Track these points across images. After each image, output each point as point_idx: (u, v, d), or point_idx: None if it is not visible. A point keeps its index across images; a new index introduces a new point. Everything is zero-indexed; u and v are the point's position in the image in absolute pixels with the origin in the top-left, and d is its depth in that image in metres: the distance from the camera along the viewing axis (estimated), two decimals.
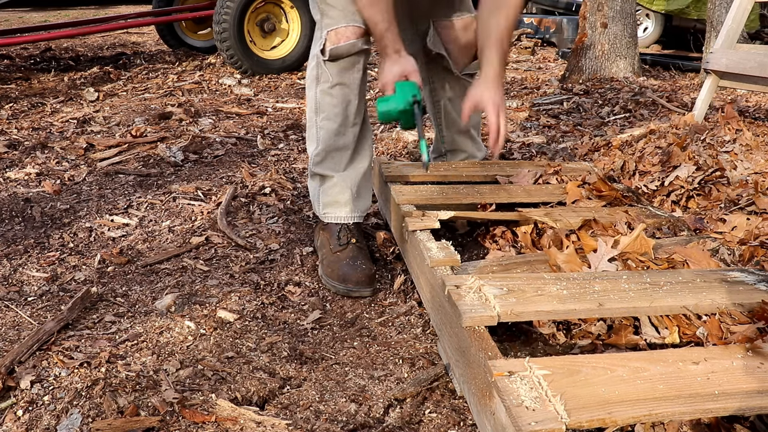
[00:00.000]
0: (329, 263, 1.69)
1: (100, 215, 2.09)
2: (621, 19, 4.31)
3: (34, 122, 3.16)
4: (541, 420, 0.89)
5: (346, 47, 1.64)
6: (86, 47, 5.68)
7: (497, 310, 1.16)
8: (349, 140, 1.73)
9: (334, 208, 1.76)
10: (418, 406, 1.23)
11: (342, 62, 1.66)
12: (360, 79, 1.70)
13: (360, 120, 1.73)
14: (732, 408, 0.95)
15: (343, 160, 1.74)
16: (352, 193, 1.75)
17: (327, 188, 1.77)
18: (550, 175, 2.02)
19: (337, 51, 1.64)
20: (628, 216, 1.72)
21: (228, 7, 4.24)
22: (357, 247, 1.71)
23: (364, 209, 1.79)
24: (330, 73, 1.68)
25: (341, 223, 1.75)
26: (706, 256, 1.48)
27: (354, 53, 1.65)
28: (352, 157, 1.75)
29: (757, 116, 3.13)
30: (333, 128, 1.71)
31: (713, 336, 1.23)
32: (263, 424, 1.15)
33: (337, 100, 1.69)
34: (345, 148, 1.73)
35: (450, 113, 2.08)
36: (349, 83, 1.68)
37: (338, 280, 1.65)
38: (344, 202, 1.75)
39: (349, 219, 1.75)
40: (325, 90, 1.70)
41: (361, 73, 1.70)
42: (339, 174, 1.75)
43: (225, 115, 3.40)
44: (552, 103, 3.75)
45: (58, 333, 1.41)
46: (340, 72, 1.67)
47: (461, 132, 2.12)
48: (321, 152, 1.74)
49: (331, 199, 1.76)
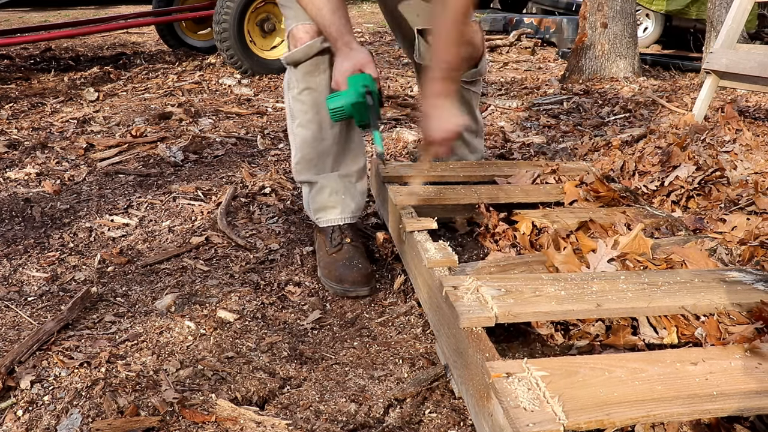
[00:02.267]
0: (326, 265, 1.70)
1: (100, 215, 2.09)
2: (621, 19, 4.31)
3: (34, 122, 3.16)
4: (539, 421, 0.89)
5: (303, 50, 1.58)
6: (86, 47, 5.68)
7: (495, 311, 1.16)
8: (328, 145, 1.68)
9: (324, 212, 1.75)
10: (418, 406, 1.24)
11: (303, 66, 1.60)
12: (327, 81, 1.60)
13: (340, 122, 1.63)
14: (730, 408, 0.95)
15: (326, 165, 1.70)
16: (339, 196, 1.72)
17: (314, 194, 1.75)
18: (547, 174, 2.02)
19: (293, 56, 1.59)
20: (626, 216, 1.72)
21: (228, 7, 4.24)
22: (352, 246, 1.70)
23: (356, 209, 1.77)
24: (296, 79, 1.63)
25: (333, 225, 1.74)
26: (704, 256, 1.48)
27: (313, 55, 1.58)
28: (336, 161, 1.71)
29: (757, 116, 3.13)
30: (308, 135, 1.67)
31: (711, 336, 1.23)
32: (263, 424, 1.16)
33: (307, 106, 1.64)
34: (325, 153, 1.69)
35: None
36: (316, 87, 1.61)
37: (335, 281, 1.65)
38: (333, 206, 1.73)
39: (340, 221, 1.73)
40: (295, 96, 1.65)
41: (328, 73, 1.59)
42: (324, 178, 1.72)
43: (225, 115, 3.40)
44: (552, 103, 3.75)
45: (58, 333, 1.41)
46: (304, 76, 1.61)
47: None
48: (300, 161, 1.71)
49: (320, 204, 1.74)
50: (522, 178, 2.01)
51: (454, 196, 1.86)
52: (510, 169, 2.06)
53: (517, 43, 6.06)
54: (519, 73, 4.92)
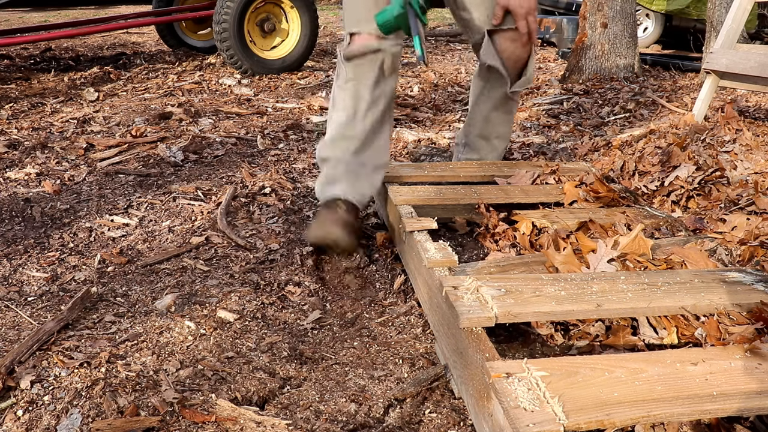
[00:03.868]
0: (314, 221, 1.79)
1: (100, 215, 2.09)
2: (621, 19, 4.31)
3: (34, 122, 3.16)
4: (539, 422, 0.89)
5: (359, 47, 1.76)
6: (86, 47, 5.68)
7: (495, 311, 1.16)
8: (357, 132, 1.81)
9: (331, 185, 1.83)
10: (418, 406, 1.24)
11: (355, 61, 1.78)
12: (374, 79, 1.78)
13: (373, 117, 1.80)
14: (730, 409, 0.95)
15: (349, 149, 1.82)
16: (349, 175, 1.82)
17: (329, 169, 1.85)
18: (547, 175, 2.02)
19: (351, 51, 1.78)
20: (626, 217, 1.72)
21: (228, 7, 4.24)
22: (344, 212, 1.78)
23: (359, 194, 1.82)
24: (345, 71, 1.81)
25: (334, 198, 1.81)
26: (703, 257, 1.48)
27: (368, 52, 1.77)
28: (358, 149, 1.82)
29: (757, 116, 3.13)
30: (342, 119, 1.82)
31: (711, 337, 1.23)
32: (263, 424, 1.16)
33: (347, 95, 1.81)
34: (352, 138, 1.81)
35: (484, 119, 2.11)
36: (361, 80, 1.79)
37: (317, 228, 1.74)
38: (339, 181, 1.82)
39: (341, 195, 1.80)
40: (340, 85, 1.83)
41: (376, 72, 1.78)
42: (342, 160, 1.82)
43: (225, 115, 3.40)
44: (552, 103, 3.75)
45: (58, 333, 1.41)
46: (353, 70, 1.79)
47: (485, 138, 2.16)
48: (328, 141, 1.86)
49: (330, 178, 1.84)
50: (522, 178, 2.01)
51: (454, 196, 1.86)
52: (510, 170, 2.06)
53: None
54: None
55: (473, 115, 2.14)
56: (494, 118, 2.09)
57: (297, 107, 3.63)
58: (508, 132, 2.19)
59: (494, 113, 2.07)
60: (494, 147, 2.18)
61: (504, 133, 2.17)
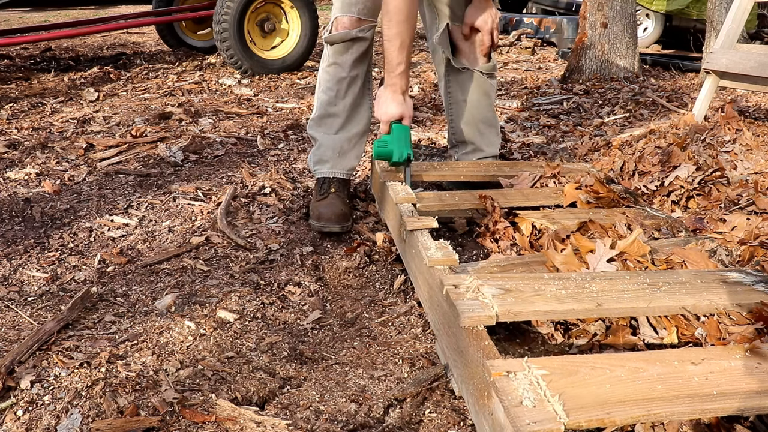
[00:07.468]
0: (312, 208, 2.01)
1: (100, 215, 2.09)
2: (621, 19, 4.31)
3: (34, 122, 3.16)
4: (540, 420, 0.89)
5: (340, 35, 1.95)
6: (86, 47, 5.69)
7: (496, 309, 1.16)
8: (339, 110, 2.03)
9: (320, 165, 2.07)
10: (418, 406, 1.24)
11: (337, 46, 1.98)
12: (352, 61, 1.98)
13: (353, 95, 2.03)
14: (730, 408, 0.95)
15: (334, 126, 2.05)
16: (334, 154, 2.05)
17: (316, 149, 2.09)
18: (548, 177, 2.02)
19: (332, 37, 1.97)
20: (626, 218, 1.72)
21: (228, 7, 4.24)
22: (336, 195, 2.00)
23: (347, 168, 2.07)
24: (329, 54, 2.01)
25: (324, 177, 2.05)
26: (704, 257, 1.48)
27: (347, 40, 1.95)
28: (342, 125, 2.05)
29: (757, 116, 3.13)
30: (325, 99, 2.04)
31: (712, 336, 1.23)
32: (263, 424, 1.16)
33: (330, 76, 2.02)
34: (336, 115, 2.04)
35: (461, 106, 2.16)
36: (341, 63, 1.99)
37: (315, 219, 1.96)
38: (327, 160, 2.05)
39: (330, 174, 2.05)
40: (324, 68, 2.04)
41: (355, 55, 1.97)
42: (329, 137, 2.06)
43: (225, 115, 3.40)
44: (552, 103, 3.76)
45: (58, 333, 1.41)
46: (335, 53, 1.99)
47: (469, 124, 2.18)
48: (315, 118, 2.08)
49: (318, 158, 2.07)
50: (524, 180, 2.01)
51: (454, 203, 1.88)
52: (510, 170, 2.07)
53: (517, 43, 6.06)
54: (519, 73, 4.92)
55: (452, 111, 2.21)
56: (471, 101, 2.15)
57: (297, 107, 3.63)
58: (491, 117, 2.20)
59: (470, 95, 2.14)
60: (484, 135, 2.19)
61: (487, 118, 2.19)
